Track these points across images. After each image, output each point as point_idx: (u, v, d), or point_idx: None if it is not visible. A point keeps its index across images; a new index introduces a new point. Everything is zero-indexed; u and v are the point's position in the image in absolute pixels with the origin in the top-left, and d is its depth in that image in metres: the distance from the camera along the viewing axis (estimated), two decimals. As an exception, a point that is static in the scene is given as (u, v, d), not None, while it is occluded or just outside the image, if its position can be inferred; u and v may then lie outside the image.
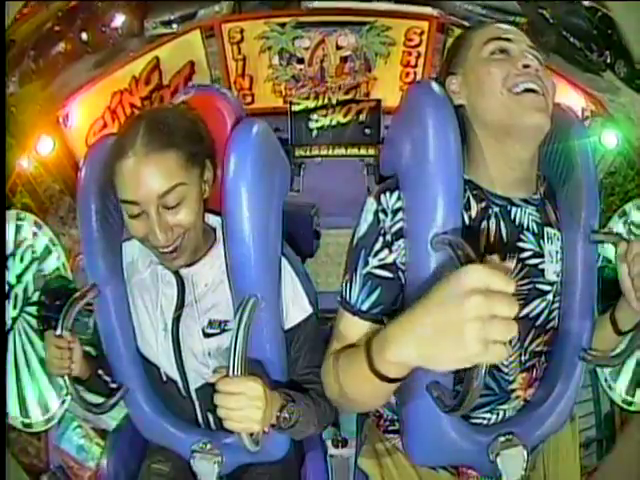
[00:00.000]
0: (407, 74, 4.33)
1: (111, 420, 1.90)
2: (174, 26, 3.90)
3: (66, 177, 3.62)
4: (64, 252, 3.47)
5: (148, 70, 3.97)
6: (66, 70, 3.26)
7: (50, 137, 3.42)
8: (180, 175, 1.45)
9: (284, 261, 1.64)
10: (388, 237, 1.43)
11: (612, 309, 1.55)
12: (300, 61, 4.36)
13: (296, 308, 1.65)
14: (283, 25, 4.20)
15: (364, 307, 1.45)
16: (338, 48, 4.31)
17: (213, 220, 1.68)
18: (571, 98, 3.45)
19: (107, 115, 3.92)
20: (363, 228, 1.48)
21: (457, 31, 3.94)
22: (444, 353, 0.97)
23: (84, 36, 3.26)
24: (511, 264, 1.45)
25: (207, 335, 1.64)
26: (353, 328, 1.47)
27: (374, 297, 1.45)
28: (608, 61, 2.94)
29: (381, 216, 1.44)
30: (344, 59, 4.35)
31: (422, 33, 4.15)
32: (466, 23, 3.82)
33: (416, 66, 4.29)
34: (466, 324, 0.92)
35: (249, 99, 4.41)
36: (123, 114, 3.96)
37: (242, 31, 4.17)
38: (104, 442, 2.04)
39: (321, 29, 4.26)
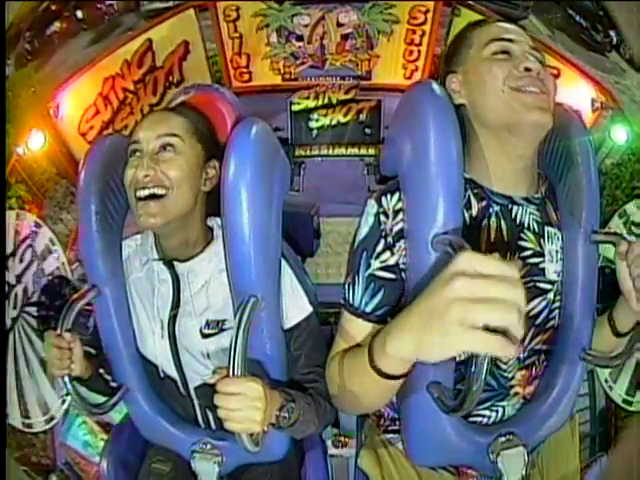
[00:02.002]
0: (411, 52, 4.33)
1: (116, 414, 1.96)
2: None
3: (59, 166, 3.69)
4: (62, 246, 3.53)
5: (140, 53, 3.97)
6: (61, 49, 3.30)
7: (41, 131, 3.47)
8: (181, 132, 1.64)
9: (282, 261, 1.69)
10: (390, 239, 1.49)
11: (610, 310, 1.61)
12: (299, 38, 4.36)
13: (296, 307, 1.71)
14: (281, 2, 4.20)
15: (368, 309, 1.51)
16: (339, 25, 4.31)
17: (211, 220, 1.76)
18: (581, 88, 3.50)
19: (99, 101, 3.93)
20: (364, 230, 1.54)
21: (464, 10, 3.98)
22: (432, 340, 1.00)
23: (79, 14, 3.30)
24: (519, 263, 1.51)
25: (205, 335, 1.70)
26: (357, 330, 1.53)
27: (377, 299, 1.51)
28: (614, 42, 2.97)
29: (382, 218, 1.50)
30: (345, 37, 4.36)
31: (427, 11, 4.15)
32: (472, 2, 3.85)
33: (420, 44, 4.29)
34: (449, 306, 0.95)
35: (246, 77, 4.43)
36: (116, 99, 3.96)
37: (238, 9, 4.17)
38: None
39: (321, 6, 4.25)
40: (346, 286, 1.57)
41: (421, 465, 1.67)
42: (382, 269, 1.51)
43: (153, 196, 1.57)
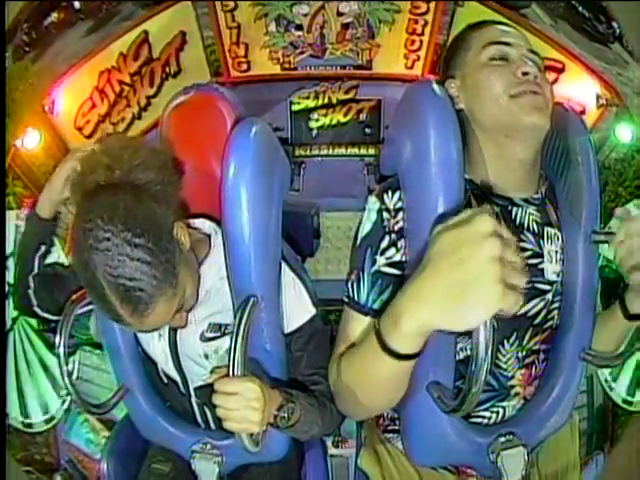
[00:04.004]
0: (412, 42, 4.34)
1: (118, 411, 1.99)
2: (168, -13, 3.93)
3: (57, 160, 3.63)
4: (61, 245, 3.54)
5: (136, 45, 3.96)
6: (59, 39, 3.31)
7: (37, 128, 3.49)
8: (175, 299, 1.46)
9: (284, 264, 1.70)
10: (394, 235, 1.52)
11: (621, 294, 1.59)
12: (299, 28, 4.36)
13: (300, 310, 1.72)
14: (280, -9, 4.22)
15: (376, 306, 1.52)
16: (339, 14, 4.31)
17: (208, 227, 1.74)
18: (585, 83, 3.53)
19: (95, 95, 3.93)
20: (367, 227, 1.57)
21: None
22: (467, 304, 1.00)
23: (77, 4, 3.31)
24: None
25: (207, 339, 1.71)
26: (364, 328, 1.53)
27: (386, 295, 1.52)
28: (616, 33, 2.98)
29: (385, 215, 1.54)
30: (345, 26, 4.36)
31: (430, 1, 4.16)
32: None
33: (422, 34, 4.29)
34: (488, 265, 0.97)
35: (245, 67, 4.44)
36: (112, 92, 3.97)
37: (235, -2, 4.20)
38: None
39: (320, -5, 4.27)
40: (350, 284, 1.58)
41: (421, 465, 1.70)
42: (388, 265, 1.53)
43: None
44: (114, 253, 1.33)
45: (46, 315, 1.85)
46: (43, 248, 1.86)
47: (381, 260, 1.53)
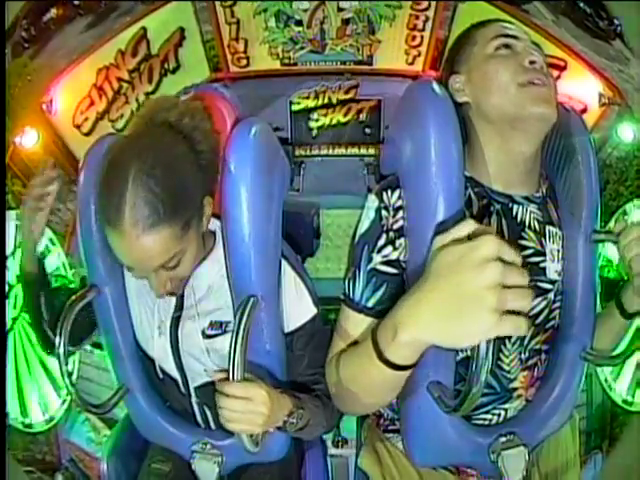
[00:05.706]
0: (413, 37, 4.36)
1: (119, 410, 2.00)
2: (166, -17, 3.93)
3: (55, 158, 3.66)
4: (61, 245, 3.55)
5: (135, 41, 3.99)
6: (57, 35, 3.32)
7: (35, 128, 3.51)
8: (176, 245, 1.51)
9: (285, 263, 1.71)
10: (391, 234, 1.53)
11: (617, 293, 1.63)
12: (298, 23, 4.38)
13: (301, 309, 1.73)
14: (280, -13, 4.22)
15: (370, 304, 1.54)
16: (339, 10, 4.32)
17: (213, 224, 1.74)
18: (588, 81, 3.55)
19: (93, 92, 3.95)
20: (365, 224, 1.58)
21: (469, -2, 3.99)
22: (462, 326, 1.03)
23: (76, 1, 3.32)
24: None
25: (208, 336, 1.72)
26: (358, 326, 1.54)
27: (380, 293, 1.53)
28: (618, 30, 2.99)
29: (384, 213, 1.54)
30: (346, 21, 4.38)
31: (431, -2, 4.19)
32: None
33: (423, 30, 4.31)
34: (485, 292, 0.99)
35: (244, 62, 4.46)
36: (110, 89, 3.99)
37: (234, -7, 4.20)
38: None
39: (321, -10, 4.27)
40: (346, 281, 1.59)
41: (421, 466, 1.70)
42: (384, 263, 1.53)
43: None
44: (157, 164, 1.45)
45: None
46: (43, 296, 1.91)
47: (377, 258, 1.54)
